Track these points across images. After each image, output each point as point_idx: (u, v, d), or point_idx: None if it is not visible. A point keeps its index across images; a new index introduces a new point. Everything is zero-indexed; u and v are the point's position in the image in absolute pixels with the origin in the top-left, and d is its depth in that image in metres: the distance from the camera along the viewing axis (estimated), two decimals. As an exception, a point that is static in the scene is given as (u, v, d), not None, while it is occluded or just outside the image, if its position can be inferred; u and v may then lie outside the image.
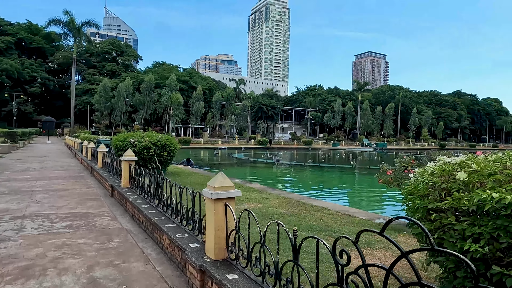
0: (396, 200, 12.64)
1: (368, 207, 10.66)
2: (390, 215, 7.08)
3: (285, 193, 9.89)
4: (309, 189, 14.75)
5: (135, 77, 73.14)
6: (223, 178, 3.41)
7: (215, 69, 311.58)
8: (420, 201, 2.55)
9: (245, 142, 66.59)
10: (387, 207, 11.34)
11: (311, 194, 13.08)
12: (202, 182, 11.43)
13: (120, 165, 8.31)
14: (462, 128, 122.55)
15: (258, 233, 2.86)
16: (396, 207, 11.05)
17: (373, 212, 8.60)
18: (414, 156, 6.01)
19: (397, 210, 10.78)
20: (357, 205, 11.12)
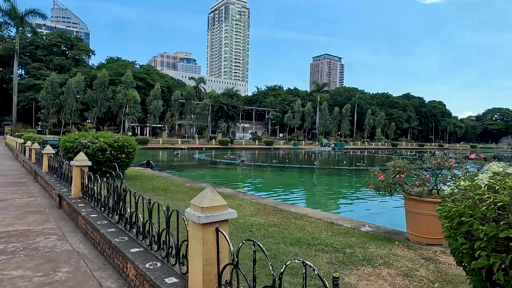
0: (368, 201, 12.53)
1: (344, 210, 10.29)
2: (375, 222, 6.62)
3: (258, 198, 9.20)
4: (280, 192, 14.20)
5: (87, 72, 68.57)
6: (212, 195, 2.62)
7: (173, 67, 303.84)
8: (487, 227, 1.94)
9: (205, 142, 65.10)
10: (361, 210, 11.07)
11: (284, 198, 12.53)
12: (166, 187, 10.40)
13: (70, 170, 7.10)
14: (411, 128, 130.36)
15: (263, 267, 2.09)
16: (372, 210, 10.80)
17: (353, 217, 8.16)
18: (408, 160, 5.51)
19: (375, 213, 10.54)
20: (332, 208, 10.73)
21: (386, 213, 10.65)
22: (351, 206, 11.60)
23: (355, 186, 16.95)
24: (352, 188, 15.93)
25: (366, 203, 12.33)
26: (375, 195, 14.36)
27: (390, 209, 11.28)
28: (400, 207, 12.24)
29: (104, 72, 62.09)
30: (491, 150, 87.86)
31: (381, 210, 10.97)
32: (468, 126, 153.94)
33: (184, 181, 12.19)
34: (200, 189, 10.21)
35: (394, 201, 12.29)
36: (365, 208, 11.26)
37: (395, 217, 9.70)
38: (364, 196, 13.93)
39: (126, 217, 4.30)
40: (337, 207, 11.09)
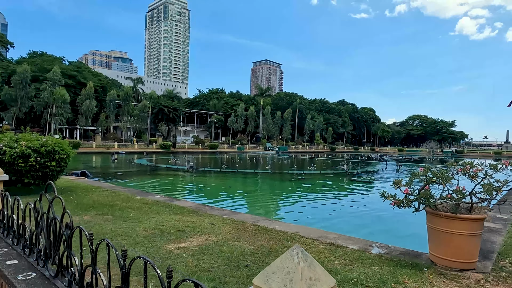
0: (338, 206, 11.79)
1: (328, 224, 9.30)
2: (380, 240, 5.65)
3: (230, 213, 7.77)
4: (245, 202, 12.82)
5: (4, 67, 60.05)
6: (310, 269, 1.20)
7: (107, 66, 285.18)
8: None
9: (145, 146, 61.00)
10: (343, 219, 10.22)
11: (254, 209, 11.18)
12: (111, 201, 8.45)
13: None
14: (346, 133, 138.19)
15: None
16: (363, 222, 10.00)
17: (345, 232, 7.17)
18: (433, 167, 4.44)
19: (360, 225, 9.73)
20: (312, 219, 9.70)
21: (366, 222, 9.94)
22: (328, 215, 10.72)
23: (317, 190, 16.31)
24: (316, 193, 15.22)
25: (339, 210, 11.57)
26: (343, 200, 13.90)
27: (363, 215, 10.62)
28: (363, 211, 11.77)
29: (25, 66, 54.78)
30: (415, 153, 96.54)
31: (361, 219, 10.24)
32: (393, 131, 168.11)
33: (131, 192, 10.24)
34: (155, 203, 8.47)
35: (350, 205, 11.81)
36: (343, 216, 10.45)
37: (377, 225, 9.04)
38: (335, 201, 13.26)
39: (72, 271, 2.63)
40: (316, 218, 10.12)
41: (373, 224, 9.46)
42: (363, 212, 11.09)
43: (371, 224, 9.46)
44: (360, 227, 9.03)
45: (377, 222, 9.83)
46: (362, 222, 9.84)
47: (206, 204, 9.39)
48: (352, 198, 14.32)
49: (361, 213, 10.90)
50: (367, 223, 9.64)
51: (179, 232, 5.72)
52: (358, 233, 6.96)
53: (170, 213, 7.30)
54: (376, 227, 9.01)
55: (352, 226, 9.11)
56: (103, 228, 5.75)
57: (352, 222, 9.73)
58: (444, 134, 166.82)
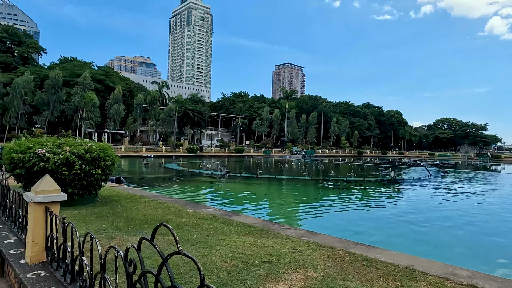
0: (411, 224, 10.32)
1: (425, 245, 7.89)
2: (469, 266, 4.29)
3: (304, 232, 6.54)
4: (306, 216, 11.56)
5: (37, 72, 61.63)
6: None
7: (132, 71, 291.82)
8: None
9: (171, 150, 60.91)
10: (447, 246, 8.78)
11: (321, 225, 9.91)
12: (163, 216, 7.42)
13: (24, 205, 4.04)
14: (373, 136, 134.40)
15: None
16: (458, 243, 8.54)
17: (423, 254, 5.78)
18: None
19: (486, 253, 8.27)
20: (402, 239, 8.32)
21: (465, 242, 8.46)
22: (410, 232, 9.30)
23: (377, 201, 14.82)
24: (377, 204, 13.77)
25: (418, 227, 10.10)
26: (413, 213, 12.35)
27: (450, 232, 9.13)
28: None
29: (57, 71, 55.93)
30: (448, 157, 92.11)
31: (452, 237, 8.77)
32: (421, 135, 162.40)
33: (180, 204, 9.20)
34: (213, 218, 7.36)
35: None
36: (429, 235, 9.00)
37: (484, 248, 7.57)
38: (404, 215, 11.78)
39: None
40: (402, 237, 8.74)
41: (480, 247, 7.96)
42: (450, 228, 9.59)
43: (475, 247, 7.97)
44: (467, 252, 7.57)
45: (480, 244, 8.32)
46: (455, 242, 8.37)
47: (268, 220, 8.19)
48: (421, 210, 12.76)
49: (446, 229, 9.41)
50: (469, 245, 8.16)
51: (265, 264, 4.53)
52: (473, 260, 5.58)
53: (238, 233, 6.16)
54: (491, 253, 7.51)
55: (451, 250, 7.67)
56: (172, 256, 4.64)
57: (446, 244, 8.27)
58: (475, 137, 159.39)
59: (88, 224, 6.37)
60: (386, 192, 17.37)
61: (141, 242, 2.01)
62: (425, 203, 14.64)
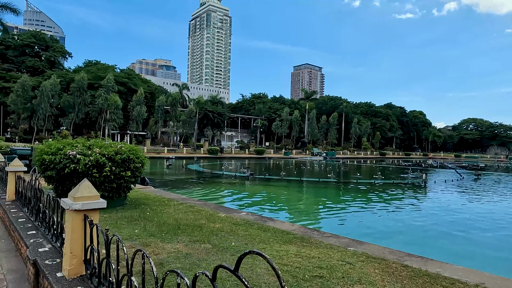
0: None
1: (480, 256, 7.27)
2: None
3: (349, 241, 6.04)
4: (342, 221, 11.01)
5: (63, 75, 63.42)
6: None
7: (152, 74, 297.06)
8: None
9: (192, 151, 61.25)
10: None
11: (361, 231, 9.35)
12: (195, 220, 7.08)
13: (57, 209, 3.75)
14: (395, 137, 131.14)
15: None
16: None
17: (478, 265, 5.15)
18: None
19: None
20: (451, 248, 7.69)
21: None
22: (456, 240, 8.63)
23: (410, 204, 14.06)
24: (412, 208, 13.04)
25: (467, 235, 9.39)
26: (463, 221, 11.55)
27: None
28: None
29: (82, 74, 57.32)
30: (476, 159, 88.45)
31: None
32: (445, 136, 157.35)
33: (210, 207, 8.86)
34: (248, 224, 6.97)
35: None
36: (485, 246, 8.31)
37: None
38: (442, 220, 11.05)
39: None
40: (451, 246, 8.10)
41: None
42: (498, 236, 8.85)
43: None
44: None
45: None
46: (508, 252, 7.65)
47: (305, 225, 7.71)
48: (461, 216, 11.96)
49: (493, 238, 8.67)
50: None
51: (317, 279, 4.09)
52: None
53: (278, 241, 5.74)
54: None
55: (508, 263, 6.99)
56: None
57: (497, 256, 7.57)
58: (503, 138, 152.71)
59: (120, 229, 6.11)
60: (420, 196, 16.53)
61: (216, 271, 1.61)
62: (464, 208, 13.76)
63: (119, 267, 2.41)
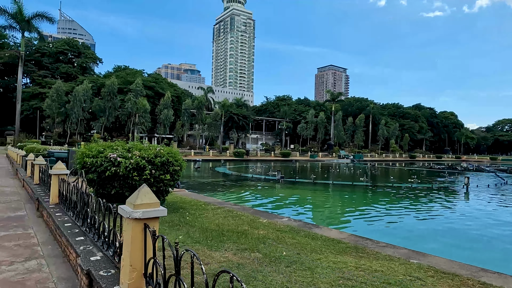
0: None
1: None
2: None
3: (407, 252, 5.54)
4: (390, 227, 10.44)
5: (94, 80, 65.64)
6: None
7: (178, 78, 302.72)
8: None
9: (218, 154, 61.54)
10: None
11: (413, 241, 8.78)
12: (237, 226, 6.78)
13: (109, 215, 3.54)
14: (425, 139, 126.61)
15: None
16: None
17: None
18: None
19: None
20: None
21: None
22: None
23: (452, 210, 13.21)
24: (451, 213, 12.22)
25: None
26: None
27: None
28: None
29: (113, 79, 59.07)
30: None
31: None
32: (479, 138, 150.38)
33: (250, 212, 8.56)
34: (293, 231, 6.59)
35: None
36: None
37: None
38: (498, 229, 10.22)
39: None
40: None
41: None
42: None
43: None
44: None
45: None
46: None
47: (353, 234, 7.22)
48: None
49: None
50: None
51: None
52: None
53: (331, 251, 5.33)
54: None
55: None
56: (272, 282, 3.92)
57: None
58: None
59: (163, 234, 5.89)
60: (464, 201, 15.54)
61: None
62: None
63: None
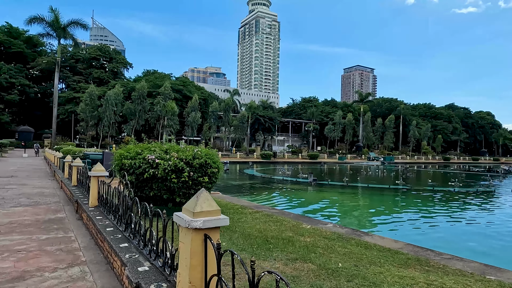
0: None
1: None
2: None
3: (479, 265, 4.91)
4: (444, 235, 9.69)
5: (124, 84, 67.57)
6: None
7: (204, 81, 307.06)
8: None
9: (245, 156, 61.46)
10: None
11: (488, 254, 8.05)
12: (280, 232, 6.37)
13: (157, 221, 3.23)
14: (459, 141, 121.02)
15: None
16: None
17: None
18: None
19: None
20: None
21: None
22: None
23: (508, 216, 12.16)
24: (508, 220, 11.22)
25: None
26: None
27: None
28: None
29: (143, 83, 60.53)
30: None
31: None
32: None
33: (290, 217, 8.10)
34: (341, 238, 6.08)
35: None
36: None
37: None
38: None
39: None
40: None
41: None
42: None
43: None
44: None
45: None
46: None
47: (411, 243, 6.60)
48: None
49: None
50: None
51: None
52: None
53: (392, 263, 4.79)
54: None
55: None
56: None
57: None
58: None
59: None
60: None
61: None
62: None
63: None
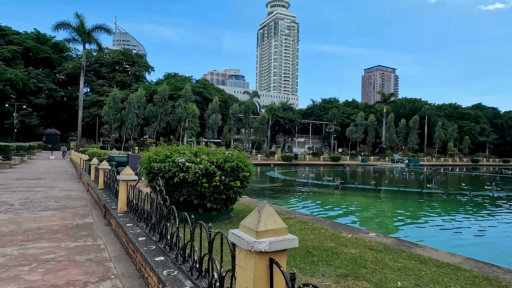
0: None
1: None
2: None
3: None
4: (499, 245, 8.92)
5: (146, 88, 68.62)
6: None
7: (223, 83, 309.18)
8: None
9: (265, 158, 61.00)
10: None
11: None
12: (320, 242, 5.86)
13: (195, 233, 2.81)
14: (488, 142, 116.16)
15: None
16: None
17: None
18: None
19: None
20: None
21: None
22: None
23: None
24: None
25: None
26: None
27: None
28: None
29: (164, 86, 61.23)
30: None
31: None
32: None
33: (327, 225, 7.57)
34: (389, 251, 5.51)
35: None
36: None
37: None
38: None
39: None
40: None
41: None
42: None
43: None
44: None
45: None
46: None
47: (468, 257, 5.94)
48: None
49: None
50: None
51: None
52: None
53: (458, 283, 4.20)
54: None
55: None
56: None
57: None
58: None
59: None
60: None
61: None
62: None
63: None
